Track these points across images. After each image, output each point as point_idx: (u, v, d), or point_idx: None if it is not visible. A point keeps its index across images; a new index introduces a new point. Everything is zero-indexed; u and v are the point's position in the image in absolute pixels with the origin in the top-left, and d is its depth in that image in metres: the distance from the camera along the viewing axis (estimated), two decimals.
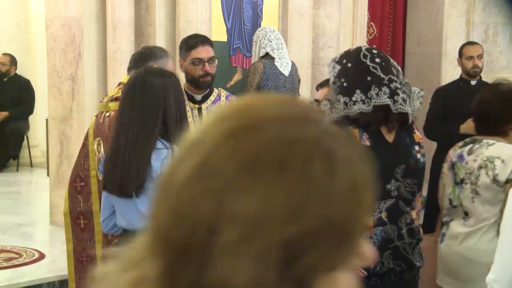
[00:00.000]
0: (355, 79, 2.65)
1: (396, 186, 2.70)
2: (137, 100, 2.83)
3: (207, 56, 3.67)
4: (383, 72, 2.65)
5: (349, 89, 2.64)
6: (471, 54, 5.62)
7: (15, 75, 9.46)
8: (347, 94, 2.63)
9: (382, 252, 2.63)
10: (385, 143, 2.69)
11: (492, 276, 2.18)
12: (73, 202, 3.69)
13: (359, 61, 2.68)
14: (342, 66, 2.71)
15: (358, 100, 2.61)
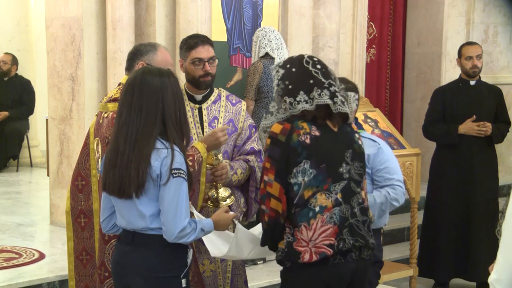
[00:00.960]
0: (299, 82, 2.92)
1: (347, 169, 2.92)
2: (136, 100, 2.83)
3: (207, 56, 3.67)
4: (323, 77, 2.93)
5: (294, 90, 2.91)
6: (470, 55, 5.61)
7: (15, 75, 9.46)
8: (292, 95, 2.90)
9: (341, 230, 2.87)
10: (332, 132, 2.94)
11: (495, 276, 2.18)
12: (74, 200, 3.70)
13: (302, 66, 2.95)
14: (286, 70, 2.96)
15: (301, 100, 2.89)
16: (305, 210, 2.84)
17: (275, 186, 2.84)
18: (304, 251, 2.83)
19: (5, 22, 9.58)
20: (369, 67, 8.04)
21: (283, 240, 2.89)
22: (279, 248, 2.91)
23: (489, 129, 5.55)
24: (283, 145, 2.84)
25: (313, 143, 2.85)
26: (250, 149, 3.75)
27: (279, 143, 2.85)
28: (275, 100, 2.99)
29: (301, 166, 2.83)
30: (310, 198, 2.84)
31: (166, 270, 2.87)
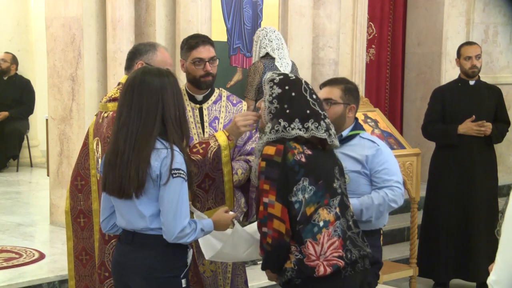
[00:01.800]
0: (297, 109, 2.97)
1: (339, 185, 3.02)
2: (135, 100, 2.83)
3: (208, 56, 3.67)
4: (320, 108, 3.02)
5: (290, 116, 2.95)
6: (469, 55, 5.61)
7: (15, 75, 9.46)
8: (288, 120, 2.95)
9: (345, 242, 2.95)
10: (321, 150, 3.02)
11: (494, 277, 2.17)
12: (73, 200, 3.69)
13: (301, 94, 3.00)
14: (284, 91, 2.99)
15: (295, 127, 2.94)
16: (309, 226, 2.89)
17: (277, 207, 2.87)
18: (317, 265, 2.88)
19: (5, 22, 9.58)
20: (369, 67, 8.04)
21: (288, 260, 2.92)
22: (287, 268, 2.92)
23: (488, 129, 5.55)
24: (280, 166, 2.88)
25: (309, 161, 2.91)
26: (250, 149, 3.75)
27: (275, 164, 2.89)
28: (263, 117, 3.03)
29: (300, 184, 2.89)
30: (313, 214, 2.90)
31: (166, 270, 2.87)
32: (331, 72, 6.76)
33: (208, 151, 3.38)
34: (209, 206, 3.47)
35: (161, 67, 3.16)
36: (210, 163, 3.39)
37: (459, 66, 5.70)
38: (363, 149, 3.59)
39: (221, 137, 3.41)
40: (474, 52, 5.63)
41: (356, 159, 3.57)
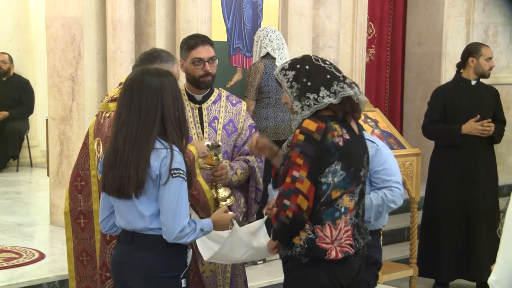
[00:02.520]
0: (317, 78, 2.96)
1: (364, 173, 3.04)
2: (135, 100, 2.83)
3: (208, 56, 3.67)
4: (336, 71, 3.03)
5: (315, 87, 2.94)
6: (490, 56, 5.63)
7: (13, 74, 9.46)
8: (314, 91, 2.94)
9: (354, 230, 3.00)
10: (356, 136, 3.01)
11: (494, 277, 2.17)
12: (73, 201, 3.69)
13: (314, 64, 3.01)
14: (298, 70, 2.99)
15: (325, 95, 2.93)
16: (331, 210, 2.91)
17: (305, 184, 2.86)
18: (329, 248, 2.90)
19: (5, 22, 9.58)
20: (369, 67, 8.04)
21: (298, 236, 2.93)
22: (295, 244, 2.93)
23: (492, 129, 5.55)
24: (318, 144, 2.86)
25: (345, 146, 2.90)
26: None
27: (314, 141, 2.87)
28: (289, 103, 3.00)
29: (332, 166, 2.88)
30: (338, 199, 2.91)
31: (166, 270, 2.87)
32: None
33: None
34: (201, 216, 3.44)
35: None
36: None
37: (473, 65, 5.63)
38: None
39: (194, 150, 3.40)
40: (492, 53, 5.69)
41: None
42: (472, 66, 5.65)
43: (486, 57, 5.61)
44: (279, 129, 5.71)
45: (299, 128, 2.90)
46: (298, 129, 2.90)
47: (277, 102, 5.74)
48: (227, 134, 3.72)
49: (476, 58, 5.62)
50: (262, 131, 5.62)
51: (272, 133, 5.69)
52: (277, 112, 5.73)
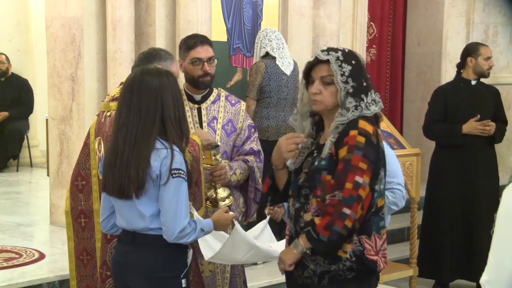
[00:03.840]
0: (368, 81, 2.77)
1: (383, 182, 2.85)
2: (134, 100, 2.83)
3: (206, 56, 3.67)
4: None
5: (367, 89, 2.76)
6: (489, 55, 5.63)
7: (12, 74, 9.46)
8: (366, 94, 2.74)
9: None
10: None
11: (486, 277, 2.21)
12: (74, 200, 3.69)
13: (362, 64, 2.81)
14: (353, 66, 2.75)
15: (370, 101, 2.74)
16: (377, 219, 2.75)
17: (366, 191, 2.65)
18: (376, 259, 2.74)
19: (5, 22, 9.58)
20: (369, 67, 8.04)
21: (340, 248, 2.69)
22: (342, 258, 2.69)
23: (492, 128, 5.55)
24: (376, 148, 2.69)
25: (383, 149, 2.78)
26: (249, 149, 3.75)
27: (373, 145, 2.68)
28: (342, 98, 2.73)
29: (381, 173, 2.73)
30: (382, 207, 2.78)
31: (166, 270, 2.87)
32: None
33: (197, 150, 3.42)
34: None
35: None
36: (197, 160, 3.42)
37: (472, 65, 5.64)
38: None
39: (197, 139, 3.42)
40: (491, 53, 5.68)
41: None
42: (471, 66, 5.65)
43: (484, 56, 5.61)
44: (280, 129, 5.71)
45: (356, 129, 2.67)
46: (355, 130, 2.67)
47: (278, 101, 5.74)
48: (226, 134, 3.73)
49: (474, 57, 5.62)
50: (264, 131, 5.62)
51: (273, 132, 5.69)
52: (279, 111, 5.73)
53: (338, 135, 2.70)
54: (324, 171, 2.71)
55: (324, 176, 2.70)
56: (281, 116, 5.73)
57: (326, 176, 2.70)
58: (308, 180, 2.76)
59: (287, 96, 5.77)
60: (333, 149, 2.71)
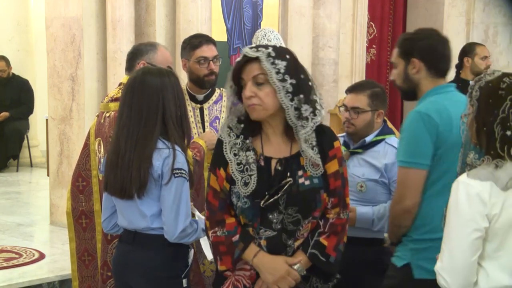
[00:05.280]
0: (310, 76, 2.52)
1: None
2: (136, 101, 2.83)
3: (212, 55, 3.68)
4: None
5: (314, 89, 2.52)
6: (486, 54, 5.64)
7: (12, 75, 9.45)
8: (312, 93, 2.50)
9: None
10: None
11: (440, 264, 2.35)
12: (75, 201, 3.69)
13: (297, 60, 2.54)
14: (289, 62, 2.47)
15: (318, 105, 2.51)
16: None
17: None
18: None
19: (5, 22, 9.58)
20: (369, 67, 8.04)
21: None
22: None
23: None
24: None
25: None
26: None
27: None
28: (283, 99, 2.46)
29: None
30: None
31: (167, 270, 2.87)
32: (331, 72, 6.76)
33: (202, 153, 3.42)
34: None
35: (162, 66, 3.17)
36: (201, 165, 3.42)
37: (469, 65, 5.65)
38: (384, 156, 3.42)
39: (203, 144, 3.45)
40: (488, 52, 5.69)
41: (376, 167, 3.40)
42: (468, 66, 5.67)
43: (481, 56, 5.62)
44: None
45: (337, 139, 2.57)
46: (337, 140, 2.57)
47: None
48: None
49: (471, 57, 5.65)
50: None
51: None
52: None
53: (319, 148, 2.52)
54: (322, 190, 2.55)
55: (323, 195, 2.55)
56: None
57: (323, 195, 2.55)
58: (300, 203, 2.52)
59: None
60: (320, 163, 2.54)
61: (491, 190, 2.26)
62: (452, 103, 2.89)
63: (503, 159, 2.26)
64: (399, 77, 3.06)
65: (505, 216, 2.27)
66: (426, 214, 2.90)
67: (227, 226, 2.58)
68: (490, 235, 2.29)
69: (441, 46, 3.03)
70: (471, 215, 2.27)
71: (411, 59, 2.98)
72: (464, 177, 2.30)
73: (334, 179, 2.53)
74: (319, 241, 2.53)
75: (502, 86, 2.28)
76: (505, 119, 2.25)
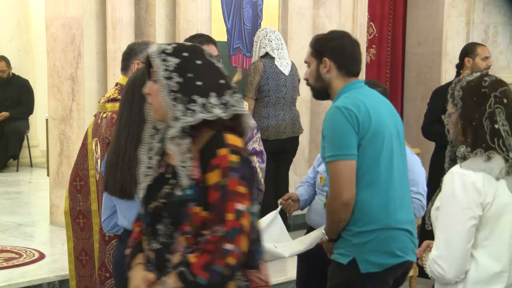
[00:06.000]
0: (208, 79, 2.26)
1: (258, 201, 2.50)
2: (136, 100, 2.83)
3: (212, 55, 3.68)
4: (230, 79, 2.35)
5: (204, 90, 2.24)
6: (487, 55, 5.64)
7: (12, 75, 9.45)
8: (203, 95, 2.24)
9: None
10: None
11: (436, 253, 2.45)
12: (73, 201, 3.70)
13: (207, 60, 2.31)
14: (184, 59, 2.27)
15: (216, 104, 2.24)
16: (258, 244, 2.34)
17: (249, 218, 2.23)
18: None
19: (5, 22, 9.58)
20: (369, 67, 8.04)
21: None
22: None
23: None
24: (250, 164, 2.29)
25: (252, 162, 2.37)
26: (251, 149, 3.74)
27: (247, 162, 2.27)
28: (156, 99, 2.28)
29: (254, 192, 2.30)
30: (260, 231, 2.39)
31: None
32: None
33: None
34: None
35: None
36: None
37: (470, 65, 5.65)
38: None
39: None
40: (489, 53, 5.70)
41: None
42: (468, 66, 5.67)
43: (482, 56, 5.63)
44: (280, 128, 5.72)
45: (225, 146, 2.21)
46: (224, 148, 2.21)
47: (278, 101, 5.74)
48: None
49: (472, 58, 5.64)
50: (263, 130, 5.62)
51: (273, 132, 5.70)
52: (278, 111, 5.74)
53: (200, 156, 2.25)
54: (191, 203, 2.23)
55: (192, 208, 2.23)
56: (280, 115, 5.74)
57: (194, 208, 2.23)
58: (171, 214, 2.27)
59: (285, 95, 5.79)
60: (199, 173, 2.24)
61: (484, 180, 2.38)
62: (365, 97, 3.05)
63: (494, 151, 2.40)
64: (311, 76, 3.20)
65: (496, 204, 2.39)
66: (361, 205, 2.99)
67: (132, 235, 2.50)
68: (482, 223, 2.40)
69: (350, 48, 3.15)
70: (468, 204, 2.37)
71: (323, 58, 3.12)
72: (458, 168, 2.42)
73: (214, 191, 2.20)
74: (187, 258, 2.21)
75: (484, 84, 2.48)
76: (492, 114, 2.42)
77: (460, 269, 2.42)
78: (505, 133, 2.41)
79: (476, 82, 2.51)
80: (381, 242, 3.02)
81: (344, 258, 3.05)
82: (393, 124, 3.13)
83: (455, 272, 2.42)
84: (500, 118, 2.42)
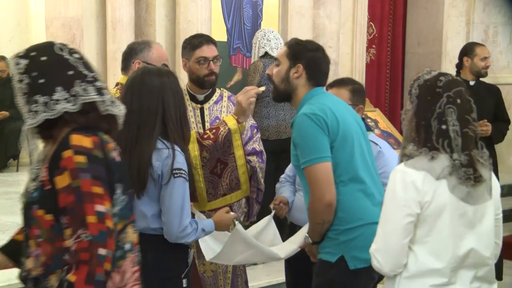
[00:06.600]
0: (53, 74, 2.19)
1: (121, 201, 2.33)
2: (136, 101, 2.83)
3: (212, 55, 3.69)
4: (86, 69, 2.25)
5: (48, 86, 2.18)
6: (486, 55, 5.65)
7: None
8: (46, 92, 2.17)
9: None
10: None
11: (375, 246, 2.50)
12: None
13: (54, 54, 2.24)
14: (32, 60, 2.22)
15: (61, 98, 2.16)
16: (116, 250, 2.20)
17: (112, 219, 2.14)
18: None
19: (5, 22, 9.58)
20: (369, 67, 8.04)
21: None
22: None
23: (489, 129, 5.55)
24: (104, 162, 2.16)
25: (122, 160, 2.26)
26: (251, 149, 3.75)
27: (99, 160, 2.15)
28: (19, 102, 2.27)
29: (117, 191, 2.20)
30: (120, 233, 2.23)
31: (167, 270, 2.87)
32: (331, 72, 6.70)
33: (219, 136, 3.38)
34: (224, 192, 3.47)
35: (157, 63, 3.17)
36: (221, 147, 3.39)
37: (468, 65, 5.66)
38: None
39: (231, 121, 3.42)
40: (488, 53, 5.70)
41: None
42: (467, 66, 5.68)
43: (481, 56, 5.63)
44: (280, 128, 5.72)
45: (70, 148, 2.12)
46: (68, 149, 2.12)
47: None
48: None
49: (470, 58, 5.65)
50: (264, 130, 5.62)
51: (273, 132, 5.70)
52: (278, 111, 5.74)
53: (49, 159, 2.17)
54: (34, 205, 2.16)
55: (35, 211, 2.15)
56: (281, 115, 5.74)
57: (37, 211, 2.15)
58: (23, 216, 2.22)
59: None
60: (46, 176, 2.15)
61: (425, 179, 2.43)
62: (329, 101, 3.16)
63: (439, 151, 2.44)
64: (278, 75, 3.24)
65: (435, 203, 2.43)
66: (343, 205, 3.07)
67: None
68: (421, 221, 2.45)
69: (325, 64, 3.25)
70: (406, 201, 2.43)
71: (297, 64, 3.18)
72: (402, 166, 2.50)
73: (66, 194, 2.10)
74: (66, 279, 2.06)
75: (439, 84, 2.49)
76: (441, 114, 2.46)
77: (396, 263, 2.47)
78: (454, 133, 2.44)
79: (432, 81, 2.51)
80: (367, 237, 3.03)
81: (332, 256, 3.10)
82: (355, 122, 3.23)
83: (391, 266, 2.47)
84: (451, 118, 2.45)
